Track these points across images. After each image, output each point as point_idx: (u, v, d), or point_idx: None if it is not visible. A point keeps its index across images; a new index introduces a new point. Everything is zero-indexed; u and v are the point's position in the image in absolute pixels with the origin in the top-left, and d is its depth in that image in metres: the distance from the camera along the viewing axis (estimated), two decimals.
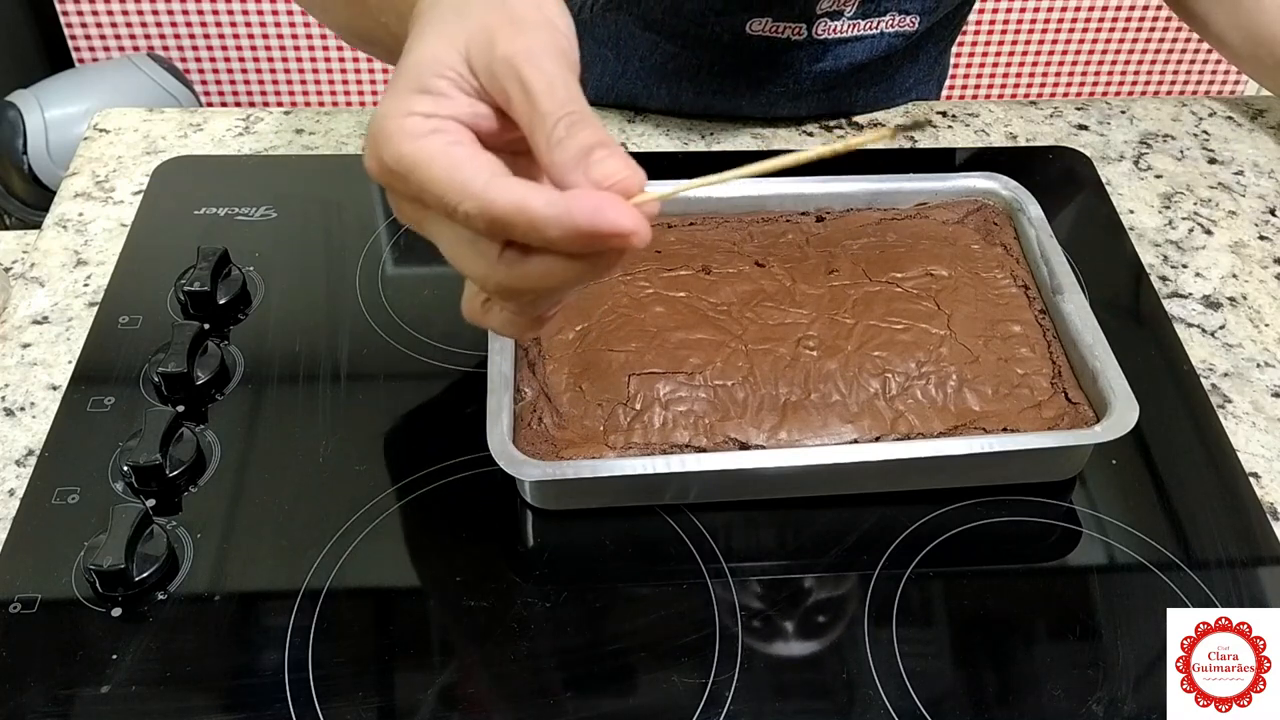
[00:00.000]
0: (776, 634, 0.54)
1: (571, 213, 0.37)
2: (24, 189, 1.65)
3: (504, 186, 0.38)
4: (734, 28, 0.77)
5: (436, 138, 0.39)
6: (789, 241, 0.67)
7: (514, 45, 0.40)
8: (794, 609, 0.55)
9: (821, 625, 0.54)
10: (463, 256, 0.41)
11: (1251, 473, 0.62)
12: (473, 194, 0.38)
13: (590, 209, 0.37)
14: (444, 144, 0.39)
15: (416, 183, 0.39)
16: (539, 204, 0.37)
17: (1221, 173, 0.82)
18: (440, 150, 0.39)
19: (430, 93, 0.40)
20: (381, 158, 0.40)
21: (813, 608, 0.55)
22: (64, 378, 0.63)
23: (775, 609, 0.55)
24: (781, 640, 0.53)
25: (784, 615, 0.54)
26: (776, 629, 0.54)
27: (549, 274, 0.39)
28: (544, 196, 0.38)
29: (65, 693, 0.50)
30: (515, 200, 0.38)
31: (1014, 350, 0.61)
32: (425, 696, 0.51)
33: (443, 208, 0.39)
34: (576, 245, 0.38)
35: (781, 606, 0.55)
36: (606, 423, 0.57)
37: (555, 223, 0.37)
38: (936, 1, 0.80)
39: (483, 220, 0.38)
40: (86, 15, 1.82)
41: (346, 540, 0.56)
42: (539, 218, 0.37)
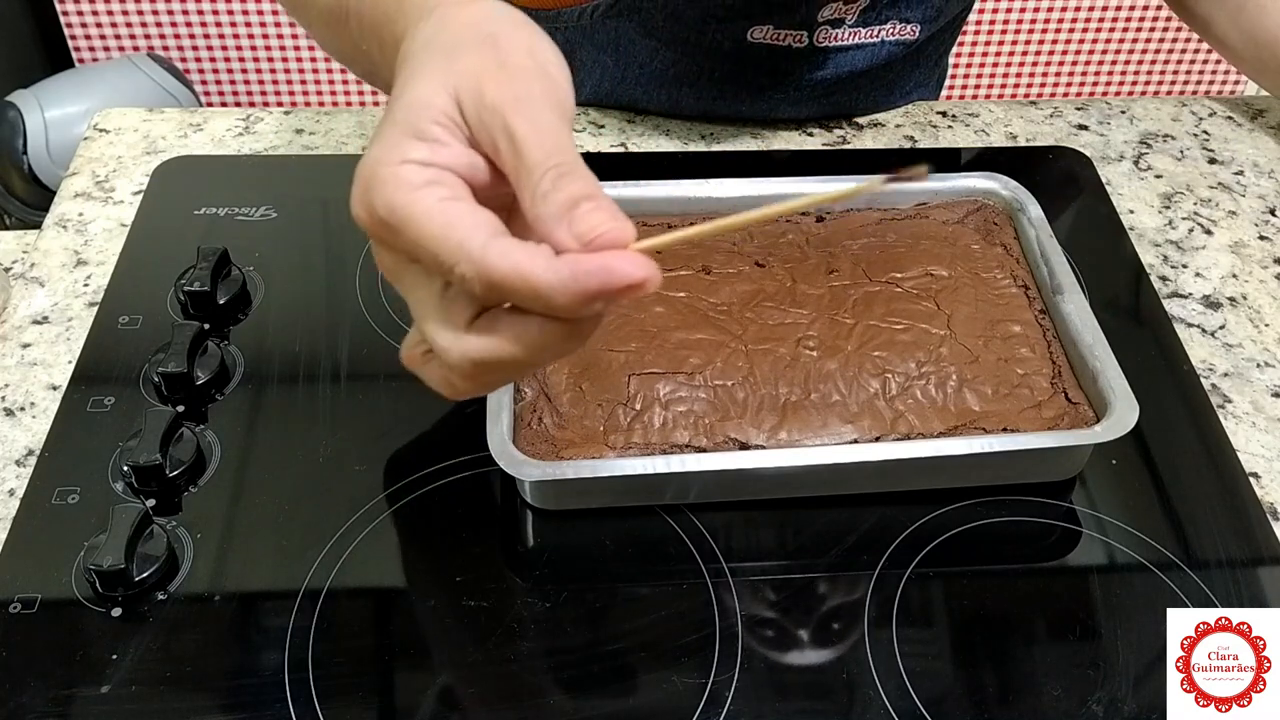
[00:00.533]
0: (776, 634, 0.54)
1: (577, 277, 0.35)
2: (24, 189, 1.65)
3: (502, 250, 0.36)
4: (735, 35, 0.77)
5: (432, 191, 0.37)
6: (789, 241, 0.67)
7: (502, 94, 0.38)
8: (794, 609, 0.55)
9: (821, 625, 0.54)
10: (430, 320, 0.39)
11: (1251, 473, 0.62)
12: (469, 257, 0.36)
13: (598, 268, 0.35)
14: (439, 198, 0.37)
15: (410, 238, 0.37)
16: (540, 269, 0.36)
17: (1221, 173, 0.82)
18: (436, 206, 0.37)
19: (426, 139, 0.38)
20: (373, 206, 0.38)
21: (813, 608, 0.55)
22: (64, 378, 0.63)
23: (775, 609, 0.55)
24: (781, 640, 0.53)
25: (784, 615, 0.54)
26: (776, 629, 0.54)
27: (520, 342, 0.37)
28: (544, 260, 0.36)
29: (65, 693, 0.50)
30: (514, 266, 0.36)
31: (1014, 350, 0.61)
32: (425, 696, 0.51)
33: (437, 267, 0.37)
34: (583, 307, 0.36)
35: (781, 606, 0.55)
36: (606, 423, 0.57)
37: (561, 289, 0.35)
38: (937, 11, 0.80)
39: (480, 284, 0.36)
40: (86, 15, 1.82)
41: (346, 540, 0.56)
42: (542, 285, 0.36)
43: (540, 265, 0.36)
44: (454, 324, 0.38)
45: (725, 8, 0.76)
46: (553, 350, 0.38)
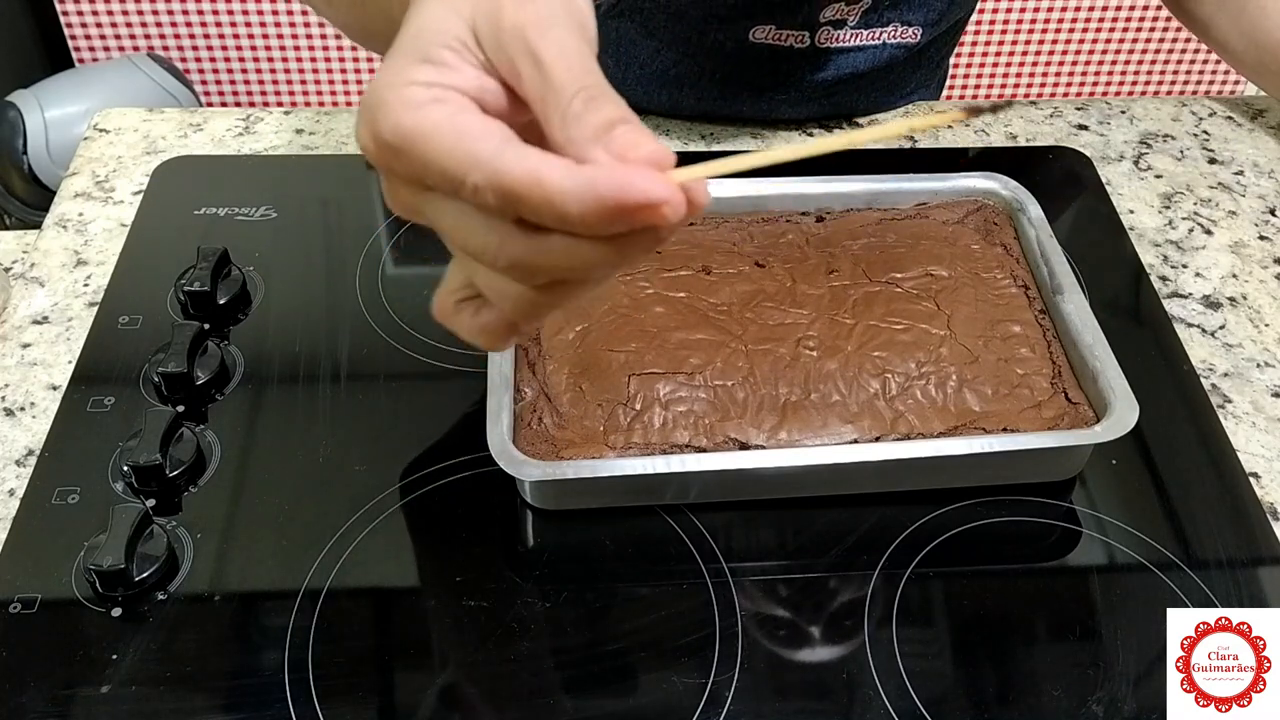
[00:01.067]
0: (776, 634, 0.54)
1: (595, 183, 0.33)
2: (24, 189, 1.65)
3: (517, 154, 0.34)
4: (737, 35, 0.77)
5: (439, 107, 0.35)
6: (789, 242, 0.67)
7: (523, 14, 0.36)
8: (794, 609, 0.55)
9: (821, 625, 0.54)
10: (470, 231, 0.36)
11: (1251, 473, 0.62)
12: (482, 163, 0.34)
13: (617, 178, 0.33)
14: (448, 112, 0.35)
15: (418, 157, 0.35)
16: (557, 174, 0.33)
17: (1221, 173, 0.82)
18: (444, 118, 0.35)
19: (432, 62, 0.36)
20: (378, 131, 0.36)
21: (813, 608, 0.55)
22: (64, 378, 0.63)
23: (775, 609, 0.55)
24: (781, 640, 0.53)
25: (784, 615, 0.54)
26: (776, 629, 0.54)
27: (572, 252, 0.35)
28: (563, 166, 0.33)
29: (65, 693, 0.50)
30: (529, 170, 0.33)
31: (1014, 350, 0.61)
32: (425, 696, 0.51)
33: (447, 183, 0.35)
34: (600, 223, 0.33)
35: (782, 606, 0.55)
36: (606, 423, 0.57)
37: (576, 196, 0.33)
38: (939, 14, 0.80)
39: (493, 193, 0.34)
40: (86, 15, 1.82)
41: (346, 540, 0.56)
42: (556, 189, 0.33)
43: (558, 171, 0.33)
44: (496, 231, 0.35)
45: (727, 8, 0.76)
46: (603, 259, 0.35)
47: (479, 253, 0.36)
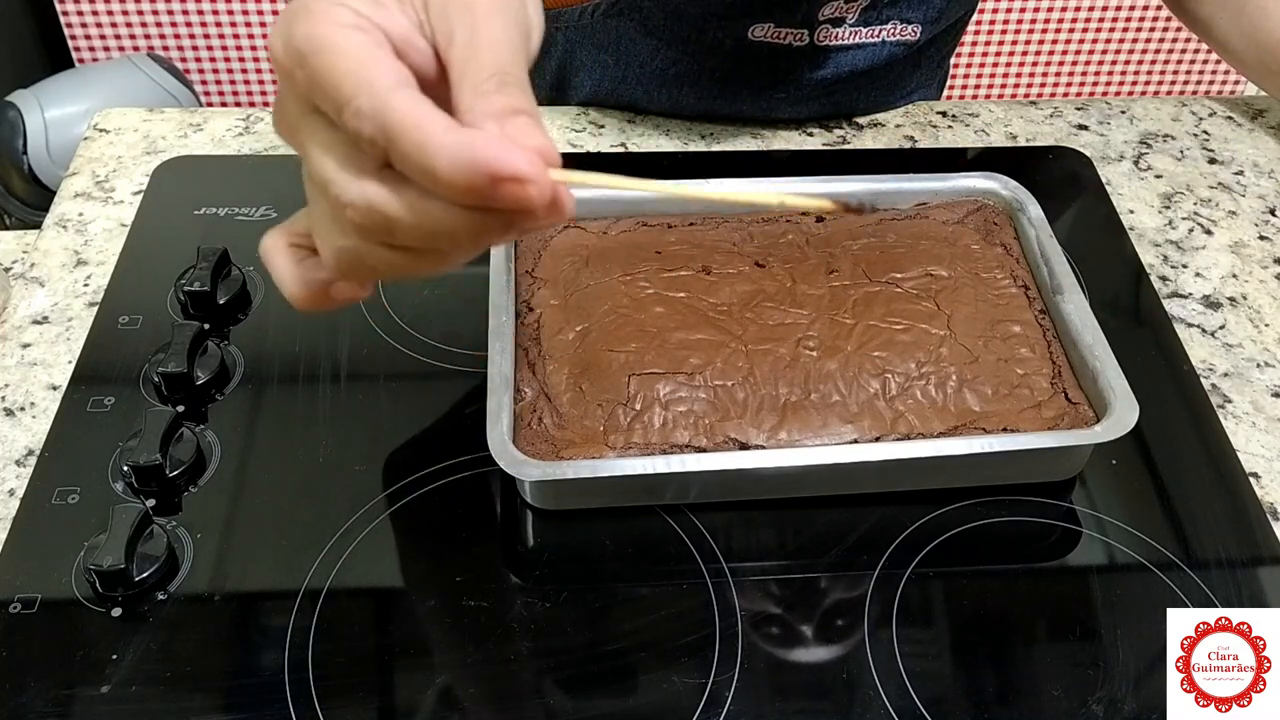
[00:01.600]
0: (776, 634, 0.54)
1: (474, 144, 0.33)
2: (24, 189, 1.65)
3: (410, 96, 0.34)
4: (736, 34, 0.77)
5: (358, 33, 0.35)
6: (789, 242, 0.67)
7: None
8: (794, 609, 0.55)
9: (821, 625, 0.54)
10: (334, 160, 0.36)
11: (1251, 473, 0.62)
12: (375, 92, 0.34)
13: (496, 146, 0.33)
14: (363, 40, 0.35)
15: (317, 70, 0.35)
16: (439, 125, 0.33)
17: (1221, 173, 0.82)
18: (357, 43, 0.35)
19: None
20: (290, 35, 0.36)
21: (813, 608, 0.55)
22: (64, 378, 0.63)
23: (775, 609, 0.55)
24: (781, 640, 0.53)
25: (784, 615, 0.54)
26: (776, 629, 0.54)
27: (423, 210, 0.35)
28: (448, 121, 0.34)
29: (65, 693, 0.50)
30: (415, 113, 0.34)
31: (1014, 350, 0.61)
32: (425, 696, 0.51)
33: (334, 104, 0.35)
34: (464, 184, 0.33)
35: (781, 606, 0.55)
36: (606, 423, 0.57)
37: (451, 151, 0.33)
38: (939, 12, 0.80)
39: (372, 122, 0.34)
40: (86, 15, 1.82)
41: (346, 540, 0.56)
42: (434, 139, 0.33)
43: (441, 123, 0.34)
44: (359, 166, 0.35)
45: (726, 6, 0.76)
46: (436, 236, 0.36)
47: (332, 181, 0.36)
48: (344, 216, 0.36)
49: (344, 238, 0.37)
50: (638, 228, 0.68)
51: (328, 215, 0.37)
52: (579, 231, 0.67)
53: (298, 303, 0.40)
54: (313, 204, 0.39)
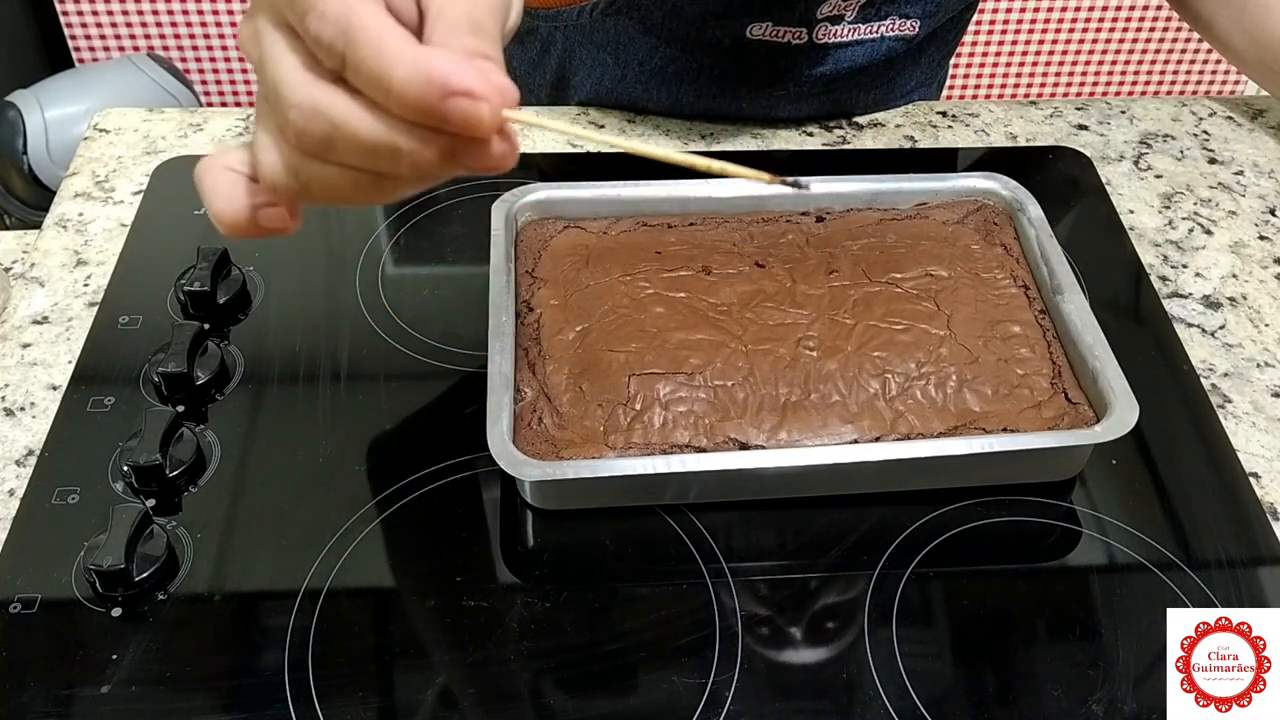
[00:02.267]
0: (777, 634, 0.54)
1: (431, 59, 0.33)
2: (24, 189, 1.65)
3: (376, 8, 0.34)
4: (734, 32, 0.77)
5: None
6: (789, 242, 0.67)
7: None
8: (794, 609, 0.55)
9: (822, 625, 0.54)
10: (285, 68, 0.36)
11: (1251, 473, 0.62)
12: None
13: (453, 64, 0.33)
14: None
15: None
16: (399, 37, 0.34)
17: (1221, 173, 0.82)
18: None
19: None
20: None
21: (813, 608, 0.55)
22: (64, 378, 0.63)
23: (775, 609, 0.55)
24: (782, 640, 0.53)
25: (784, 615, 0.54)
26: (777, 629, 0.54)
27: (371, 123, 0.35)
28: (409, 38, 0.34)
29: (65, 693, 0.50)
30: (379, 23, 0.34)
31: (1014, 350, 0.61)
32: (425, 696, 0.51)
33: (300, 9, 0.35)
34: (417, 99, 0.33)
35: (782, 606, 0.55)
36: (606, 423, 0.57)
37: (408, 63, 0.33)
38: (937, 6, 0.80)
39: (334, 26, 0.34)
40: (86, 15, 1.82)
41: (346, 540, 0.56)
42: (391, 48, 0.33)
43: (401, 36, 0.34)
44: (313, 73, 0.35)
45: (724, 5, 0.76)
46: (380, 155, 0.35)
47: (282, 83, 0.36)
48: (287, 123, 0.36)
49: (285, 149, 0.37)
50: (638, 228, 0.68)
51: (271, 125, 0.37)
52: (579, 231, 0.67)
53: (224, 224, 0.39)
54: (259, 120, 0.38)
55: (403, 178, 0.37)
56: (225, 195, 0.39)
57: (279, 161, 0.37)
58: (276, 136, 0.37)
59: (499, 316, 0.60)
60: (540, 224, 0.68)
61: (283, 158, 0.37)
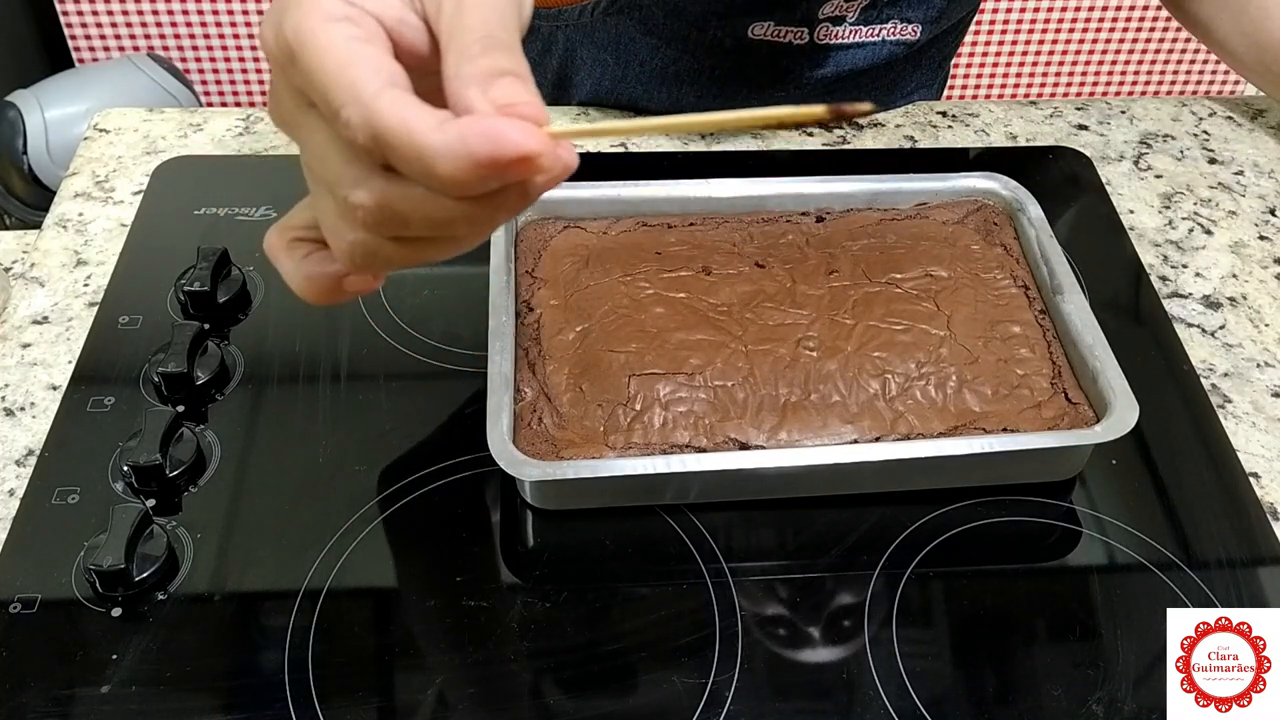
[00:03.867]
0: (776, 634, 0.54)
1: (466, 139, 0.32)
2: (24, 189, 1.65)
3: (396, 99, 0.33)
4: (735, 32, 0.77)
5: (346, 26, 0.35)
6: (789, 242, 0.67)
7: None
8: (794, 609, 0.55)
9: (821, 625, 0.54)
10: (334, 160, 0.35)
11: (1251, 473, 0.62)
12: (360, 99, 0.33)
13: (488, 131, 0.32)
14: (348, 35, 0.34)
15: (306, 68, 0.34)
16: (427, 125, 0.33)
17: (1221, 173, 0.82)
18: (342, 39, 0.34)
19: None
20: (280, 28, 0.35)
21: (813, 608, 0.55)
22: (64, 378, 0.63)
23: (775, 609, 0.55)
24: (781, 640, 0.53)
25: (784, 615, 0.54)
26: (776, 629, 0.54)
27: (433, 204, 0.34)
28: (436, 119, 0.33)
29: (65, 693, 0.50)
30: (403, 117, 0.33)
31: (1014, 351, 0.61)
32: (425, 696, 0.51)
33: (326, 107, 0.34)
34: (471, 180, 0.33)
35: (782, 606, 0.55)
36: (606, 423, 0.57)
37: (446, 152, 0.32)
38: (939, 12, 0.80)
39: (363, 132, 0.33)
40: (86, 15, 1.82)
41: (346, 540, 0.56)
42: (425, 143, 0.32)
43: (430, 123, 0.33)
44: (363, 165, 0.35)
45: (726, 4, 0.76)
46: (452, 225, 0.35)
47: (335, 182, 0.35)
48: (354, 217, 0.36)
49: (354, 233, 0.36)
50: (638, 228, 0.68)
51: (335, 211, 0.37)
52: (579, 231, 0.67)
53: (312, 299, 0.40)
54: (318, 198, 0.38)
55: (482, 229, 0.36)
56: (304, 274, 0.39)
57: (353, 247, 0.37)
58: (344, 223, 0.37)
59: (499, 316, 0.60)
60: (540, 224, 0.68)
61: (356, 242, 0.37)
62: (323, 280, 0.39)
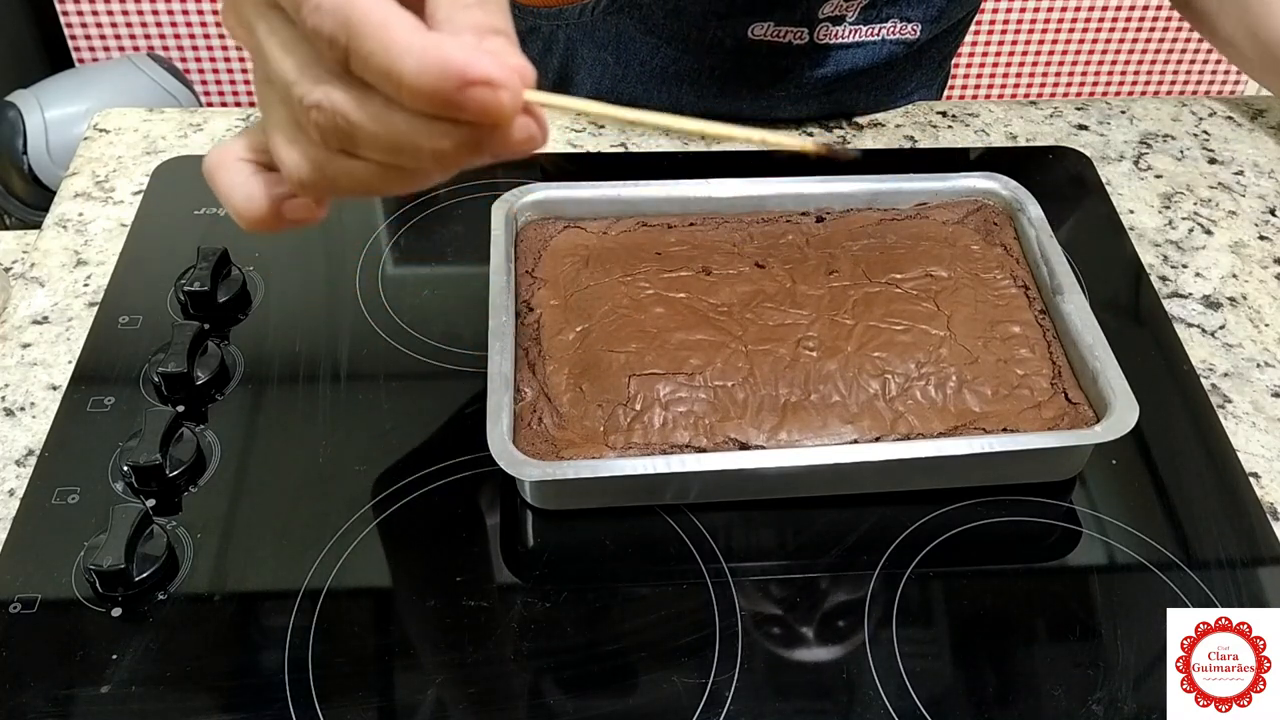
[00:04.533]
0: (776, 634, 0.54)
1: (443, 46, 0.31)
2: (24, 189, 1.65)
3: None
4: (735, 32, 0.77)
5: None
6: (789, 242, 0.67)
7: None
8: (794, 609, 0.55)
9: (821, 625, 0.54)
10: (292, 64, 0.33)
11: (1251, 473, 0.62)
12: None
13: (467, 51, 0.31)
14: None
15: None
16: (407, 26, 0.31)
17: (1221, 173, 0.82)
18: None
19: None
20: None
21: (813, 608, 0.55)
22: (64, 378, 0.63)
23: (775, 609, 0.55)
24: (781, 640, 0.53)
25: (784, 615, 0.54)
26: (776, 629, 0.54)
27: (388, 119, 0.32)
28: (416, 23, 0.31)
29: (65, 693, 0.50)
30: (381, 10, 0.31)
31: (1014, 351, 0.61)
32: (425, 696, 0.51)
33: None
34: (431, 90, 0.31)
35: (782, 606, 0.55)
36: (606, 423, 0.57)
37: (418, 53, 0.31)
38: (939, 11, 0.80)
39: (333, 19, 0.31)
40: (86, 15, 1.82)
41: (346, 540, 0.56)
42: (399, 40, 0.31)
43: (408, 23, 0.31)
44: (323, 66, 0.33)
45: (726, 4, 0.76)
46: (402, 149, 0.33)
47: (294, 83, 0.34)
48: (308, 120, 0.34)
49: (306, 144, 0.35)
50: (638, 228, 0.68)
51: (287, 121, 0.35)
52: (579, 231, 0.67)
53: (246, 221, 0.37)
54: (269, 110, 0.36)
55: (430, 171, 0.35)
56: (244, 192, 0.37)
57: (301, 158, 0.35)
58: (294, 131, 0.35)
59: (499, 316, 0.60)
60: (540, 224, 0.68)
61: (305, 154, 0.35)
62: (262, 202, 0.37)
